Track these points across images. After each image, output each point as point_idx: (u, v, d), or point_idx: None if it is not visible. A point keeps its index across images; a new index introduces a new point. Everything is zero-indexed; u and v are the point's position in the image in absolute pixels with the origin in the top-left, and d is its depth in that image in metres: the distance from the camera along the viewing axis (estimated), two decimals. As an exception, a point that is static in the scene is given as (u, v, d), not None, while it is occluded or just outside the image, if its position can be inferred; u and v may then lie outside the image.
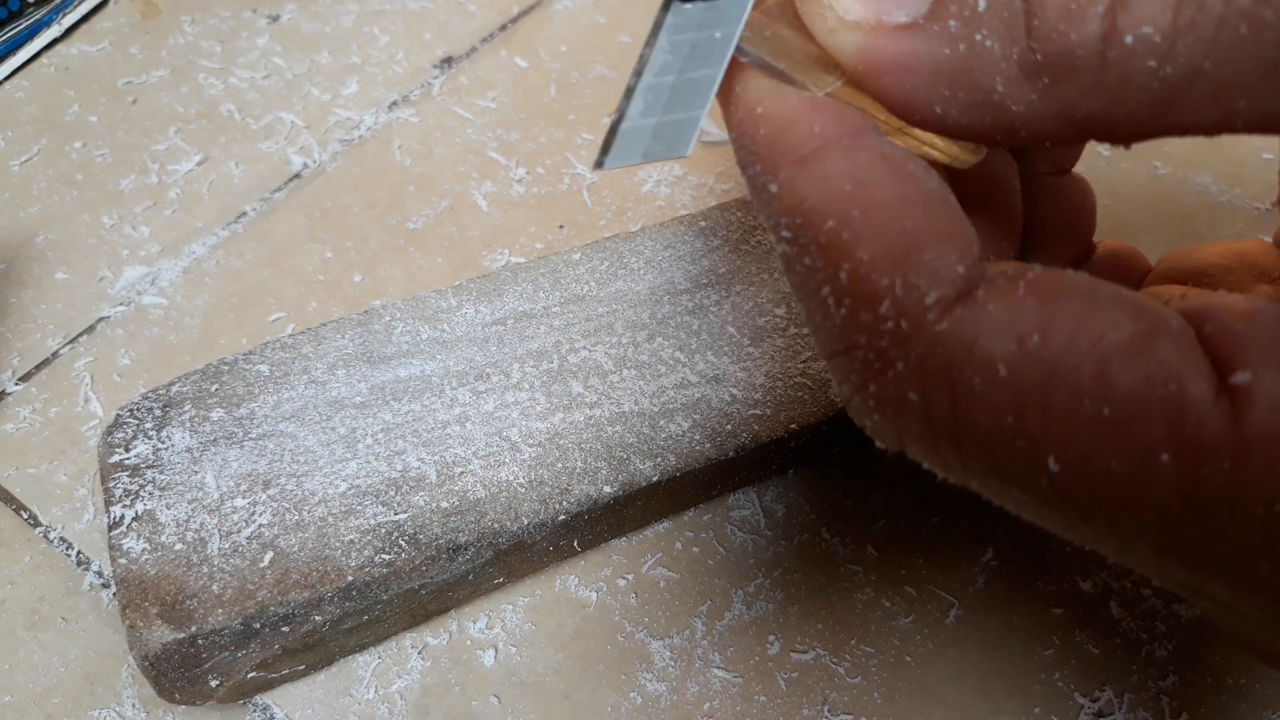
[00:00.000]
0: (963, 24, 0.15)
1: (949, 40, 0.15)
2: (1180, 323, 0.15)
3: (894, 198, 0.15)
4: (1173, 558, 0.15)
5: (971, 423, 0.15)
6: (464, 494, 0.29)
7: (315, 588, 0.28)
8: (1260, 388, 0.14)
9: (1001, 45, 0.14)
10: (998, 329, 0.14)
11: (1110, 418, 0.14)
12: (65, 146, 0.42)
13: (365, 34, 0.46)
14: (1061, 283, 0.15)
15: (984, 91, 0.15)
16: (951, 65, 0.15)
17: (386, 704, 0.30)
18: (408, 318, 0.33)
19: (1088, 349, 0.14)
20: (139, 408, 0.31)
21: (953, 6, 0.15)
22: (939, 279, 0.15)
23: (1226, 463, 0.14)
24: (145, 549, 0.28)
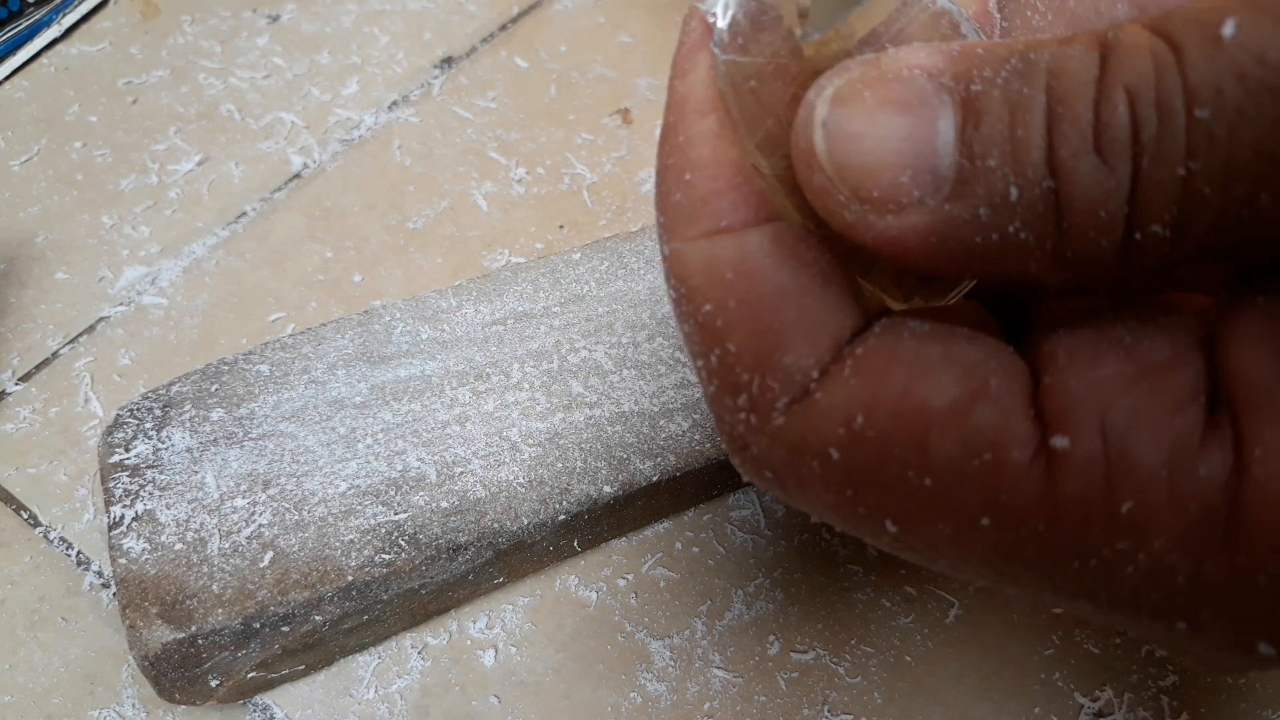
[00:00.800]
0: (993, 212, 0.14)
1: (978, 228, 0.14)
2: (1006, 380, 0.15)
3: (772, 291, 0.16)
4: (1012, 591, 0.16)
5: (816, 495, 0.16)
6: (464, 494, 0.29)
7: (315, 588, 0.28)
8: (1076, 453, 0.14)
9: (1036, 239, 0.14)
10: (828, 417, 0.15)
11: (932, 487, 0.15)
12: (65, 146, 0.42)
13: (365, 34, 0.46)
14: (893, 352, 0.15)
15: (1013, 273, 0.15)
16: (982, 251, 0.14)
17: (386, 704, 0.30)
18: (408, 318, 0.33)
19: (910, 421, 0.15)
20: (139, 408, 0.31)
21: (980, 191, 0.14)
22: (791, 383, 0.16)
23: (1041, 524, 0.14)
24: (145, 549, 0.28)
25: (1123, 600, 0.15)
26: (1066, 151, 0.14)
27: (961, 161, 0.14)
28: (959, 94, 0.14)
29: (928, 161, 0.14)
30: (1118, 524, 0.14)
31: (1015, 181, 0.14)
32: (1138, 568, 0.14)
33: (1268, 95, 0.12)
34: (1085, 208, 0.14)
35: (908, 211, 0.14)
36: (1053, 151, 0.14)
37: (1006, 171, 0.14)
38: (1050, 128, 0.14)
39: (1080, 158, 0.13)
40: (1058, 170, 0.14)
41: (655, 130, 0.42)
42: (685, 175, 0.16)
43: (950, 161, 0.14)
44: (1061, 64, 0.14)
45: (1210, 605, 0.14)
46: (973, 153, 0.14)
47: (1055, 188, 0.14)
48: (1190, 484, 0.14)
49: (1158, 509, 0.14)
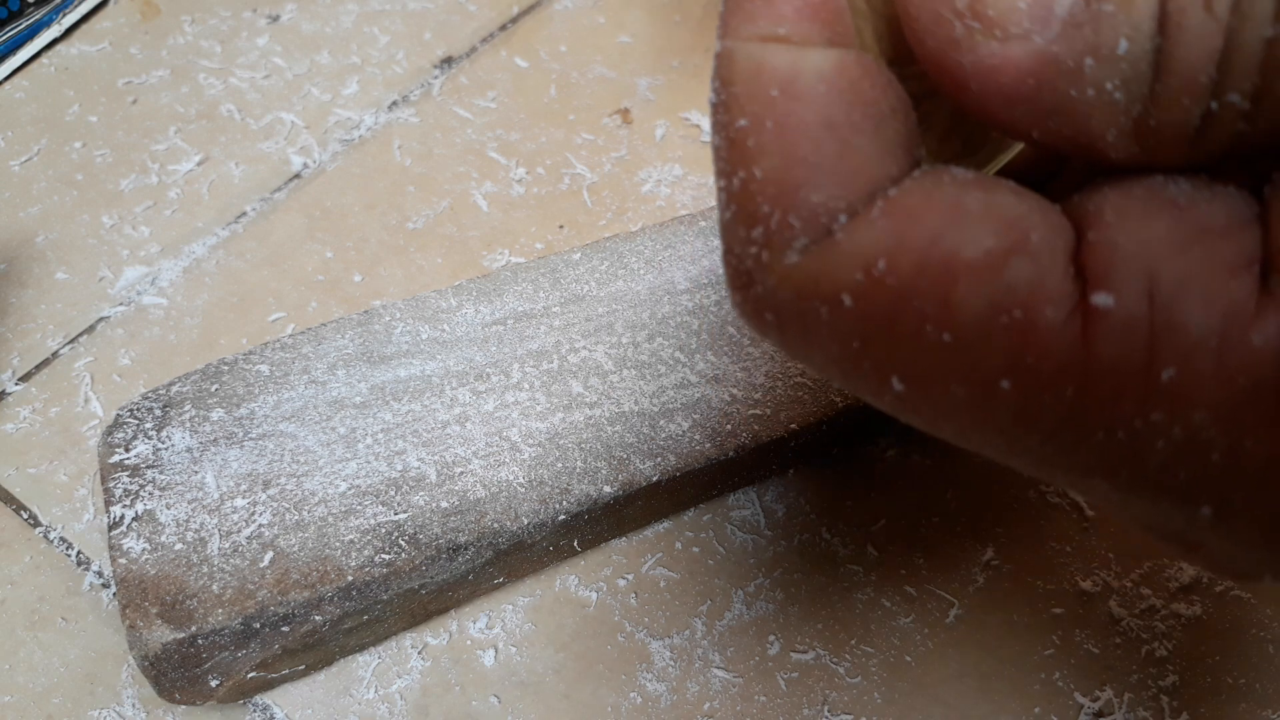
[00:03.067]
0: (1098, 64, 0.13)
1: (1077, 78, 0.13)
2: (1049, 233, 0.14)
3: (817, 121, 0.14)
4: (1021, 464, 0.15)
5: (820, 344, 0.15)
6: (464, 494, 0.29)
7: (315, 587, 0.28)
8: (1119, 312, 0.13)
9: (1127, 101, 0.13)
10: (848, 260, 0.14)
11: (951, 344, 0.14)
12: (65, 147, 0.42)
13: (365, 34, 0.46)
14: (929, 197, 0.14)
15: (1091, 136, 0.14)
16: (1072, 106, 0.14)
17: (386, 704, 0.30)
18: (408, 318, 0.33)
19: (936, 270, 0.14)
20: (139, 408, 0.31)
21: (1091, 37, 0.13)
22: (815, 223, 0.14)
23: (1069, 389, 0.13)
24: (145, 549, 0.28)
25: (1145, 479, 0.14)
26: (1176, 4, 0.13)
27: (1079, 1, 0.13)
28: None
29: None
30: (1155, 392, 0.13)
31: (1127, 32, 0.13)
32: (1169, 442, 0.13)
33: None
34: (1186, 69, 0.13)
35: (1015, 42, 0.13)
36: (1164, 4, 0.13)
37: (1120, 20, 0.13)
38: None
39: (1190, 11, 0.13)
40: (1167, 24, 0.13)
41: (655, 130, 0.42)
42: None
43: (1069, 1, 0.13)
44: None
45: (1245, 488, 0.13)
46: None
47: (1162, 44, 0.13)
48: (1241, 354, 0.13)
49: (1203, 378, 0.13)
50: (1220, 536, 0.14)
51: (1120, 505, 0.15)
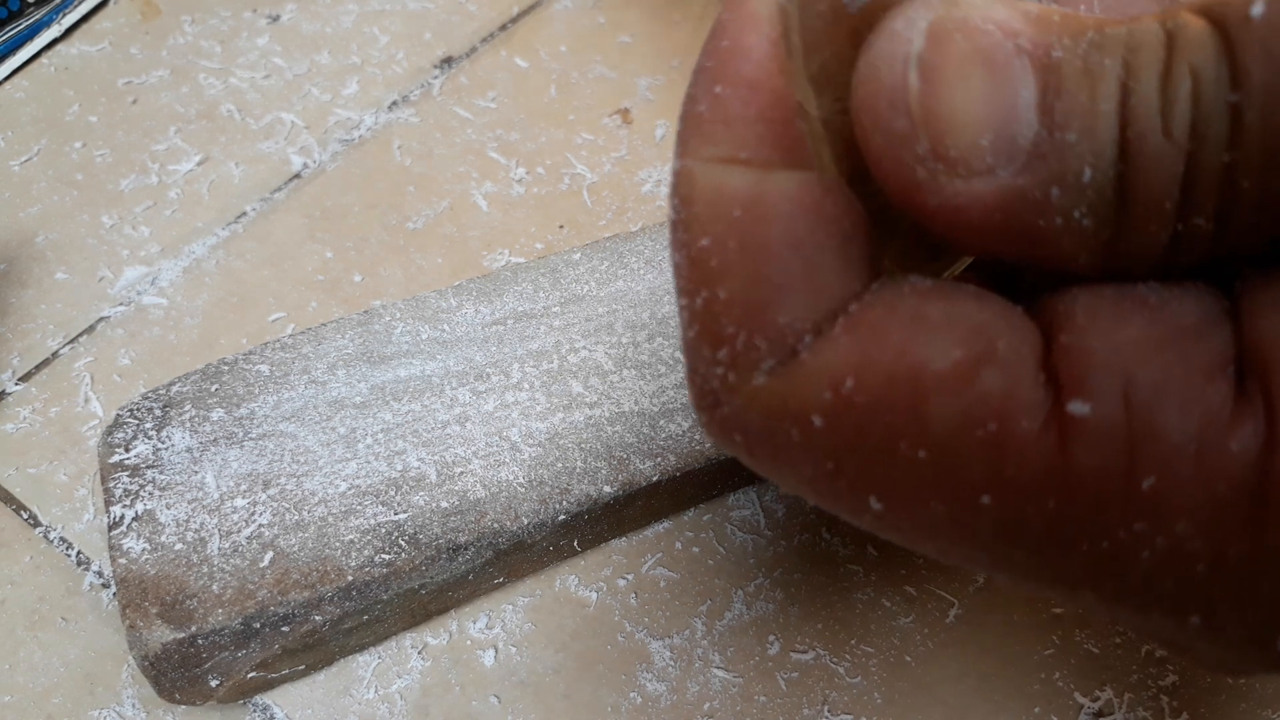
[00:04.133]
0: (1064, 193, 0.13)
1: (1044, 208, 0.13)
2: (1016, 340, 0.13)
3: (782, 242, 0.14)
4: (1006, 577, 0.15)
5: (791, 465, 0.15)
6: (464, 494, 0.29)
7: (315, 587, 0.28)
8: (1096, 420, 0.13)
9: (1095, 226, 0.13)
10: (814, 380, 0.14)
11: (927, 460, 0.13)
12: (65, 147, 0.42)
13: (365, 34, 0.46)
14: (891, 310, 0.14)
15: (1061, 259, 0.14)
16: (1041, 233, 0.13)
17: (386, 704, 0.30)
18: (408, 318, 0.33)
19: (905, 386, 0.13)
20: (139, 408, 0.31)
21: (1056, 168, 0.13)
22: (782, 344, 0.14)
23: (1050, 501, 0.13)
24: (145, 549, 0.28)
25: (1132, 590, 0.13)
26: (1135, 131, 0.13)
27: (1041, 132, 0.13)
28: (1038, 59, 0.13)
29: (1008, 127, 0.13)
30: (1137, 502, 0.13)
31: (1091, 161, 0.13)
32: (1154, 552, 0.13)
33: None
34: (1148, 196, 0.13)
35: (979, 179, 0.13)
36: (1124, 129, 0.13)
37: (1083, 149, 0.13)
38: (1123, 103, 0.13)
39: (1150, 138, 0.12)
40: (1128, 151, 0.13)
41: (655, 130, 0.42)
42: (717, 87, 0.14)
43: (1030, 131, 0.13)
44: (1137, 39, 0.13)
45: (1229, 595, 0.13)
46: (1053, 124, 0.13)
47: (1124, 170, 0.13)
48: (1220, 459, 0.13)
49: (1183, 486, 0.13)
50: (1209, 642, 0.14)
51: (1108, 614, 0.15)
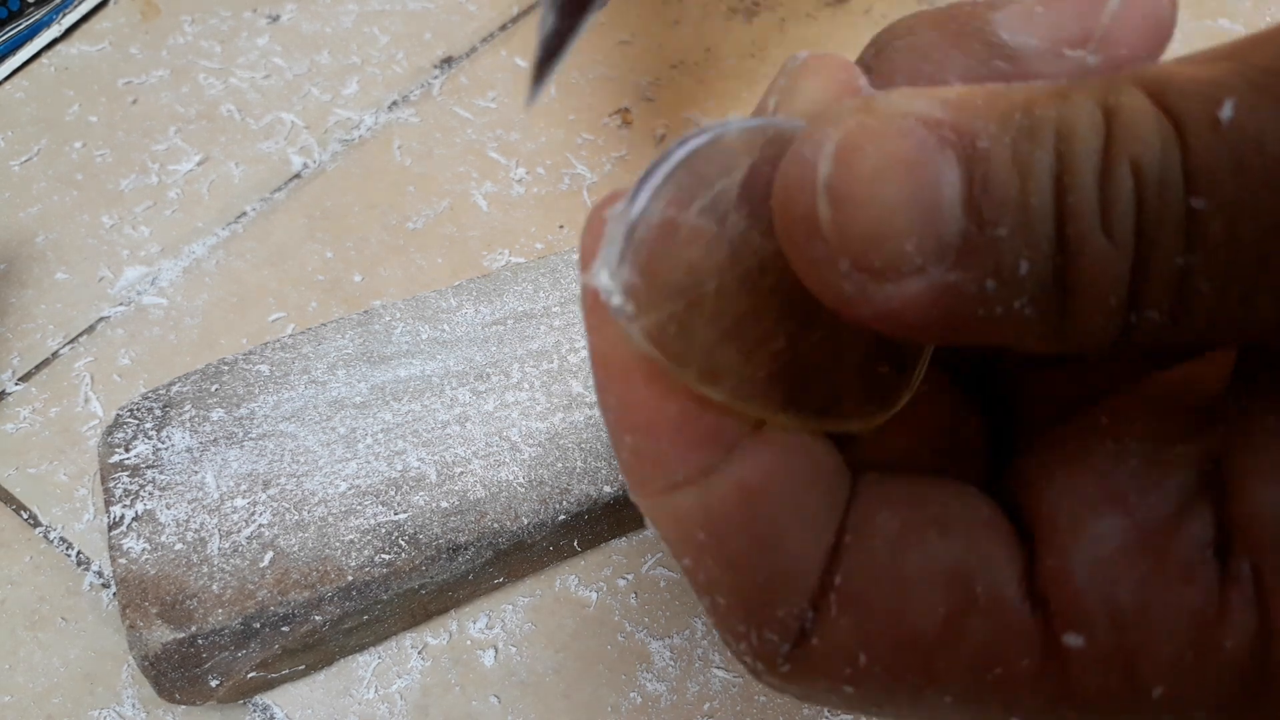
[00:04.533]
0: (1001, 285, 0.13)
1: (982, 300, 0.13)
2: (995, 575, 0.14)
3: (750, 544, 0.15)
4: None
5: (842, 706, 0.16)
6: (464, 494, 0.29)
7: (315, 587, 0.28)
8: (1092, 651, 0.13)
9: (1039, 316, 0.13)
10: (832, 662, 0.15)
11: (952, 702, 0.15)
12: (65, 147, 0.42)
13: (365, 34, 0.46)
14: (871, 572, 0.14)
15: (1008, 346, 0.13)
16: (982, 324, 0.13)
17: (386, 704, 0.30)
18: (408, 318, 0.33)
19: (909, 652, 0.14)
20: (139, 408, 0.31)
21: (989, 262, 0.13)
22: (788, 631, 0.15)
23: (1071, 715, 0.14)
24: (145, 549, 0.28)
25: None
26: (1074, 228, 0.12)
27: (969, 227, 0.13)
28: (963, 151, 0.13)
29: (933, 226, 0.13)
30: (1151, 705, 0.14)
31: (1026, 255, 0.13)
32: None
33: (1265, 190, 0.11)
34: (1091, 290, 0.13)
35: (909, 279, 0.13)
36: (1060, 225, 0.13)
37: (1018, 244, 0.13)
38: (1059, 197, 0.12)
39: (1089, 236, 0.12)
40: (1066, 246, 0.12)
41: (655, 130, 0.42)
42: (626, 437, 0.15)
43: (957, 227, 0.13)
44: (1070, 124, 0.13)
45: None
46: (981, 219, 0.13)
47: (1063, 265, 0.13)
48: (1217, 658, 0.13)
49: (1190, 688, 0.13)
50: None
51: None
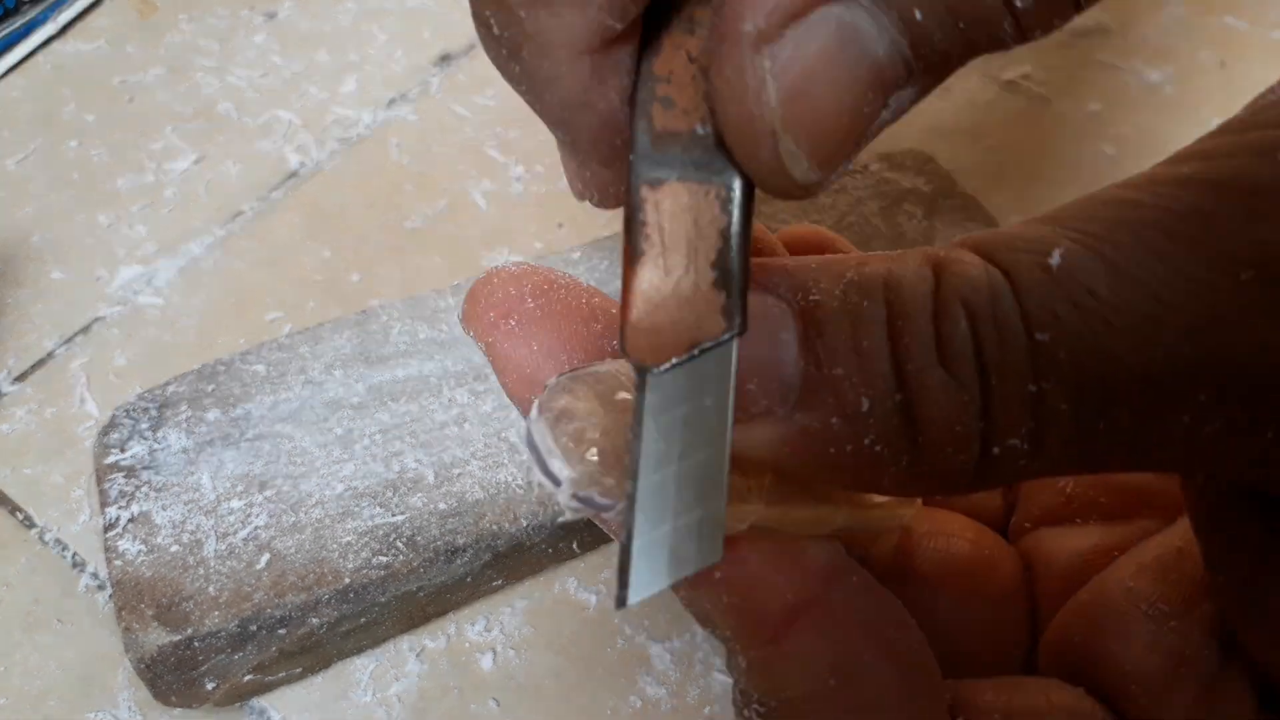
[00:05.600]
0: (846, 423, 0.14)
1: (831, 438, 0.14)
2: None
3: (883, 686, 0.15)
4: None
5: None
6: (462, 495, 0.29)
7: (312, 590, 0.27)
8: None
9: (891, 453, 0.14)
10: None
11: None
12: (61, 145, 0.42)
13: (363, 32, 0.46)
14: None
15: (867, 484, 0.15)
16: (837, 461, 0.14)
17: (384, 707, 0.29)
18: (405, 318, 0.33)
19: None
20: (134, 408, 0.31)
21: (831, 401, 0.14)
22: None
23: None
24: (141, 551, 0.28)
25: None
26: (913, 365, 0.13)
27: (808, 369, 0.14)
28: (797, 304, 0.14)
29: (773, 370, 0.14)
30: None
31: (865, 393, 0.14)
32: None
33: (1103, 325, 0.13)
34: (939, 422, 0.13)
35: (758, 422, 0.14)
36: (899, 364, 0.14)
37: (856, 382, 0.14)
38: (893, 339, 0.14)
39: (927, 371, 0.13)
40: (907, 383, 0.13)
41: (655, 128, 0.42)
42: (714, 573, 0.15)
43: (795, 369, 0.14)
44: (897, 277, 0.14)
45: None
46: (818, 360, 0.14)
47: (908, 401, 0.14)
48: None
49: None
50: None
51: None
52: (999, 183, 0.40)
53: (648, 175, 0.14)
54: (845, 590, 0.16)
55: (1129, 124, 0.42)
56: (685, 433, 0.13)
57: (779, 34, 0.12)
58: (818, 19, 0.12)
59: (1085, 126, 0.42)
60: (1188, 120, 0.41)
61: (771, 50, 0.12)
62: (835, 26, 0.12)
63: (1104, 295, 0.13)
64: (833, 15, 0.12)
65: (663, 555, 0.13)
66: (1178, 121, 0.41)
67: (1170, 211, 0.13)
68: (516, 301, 0.16)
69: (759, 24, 0.12)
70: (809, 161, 0.13)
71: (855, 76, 0.12)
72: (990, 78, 0.43)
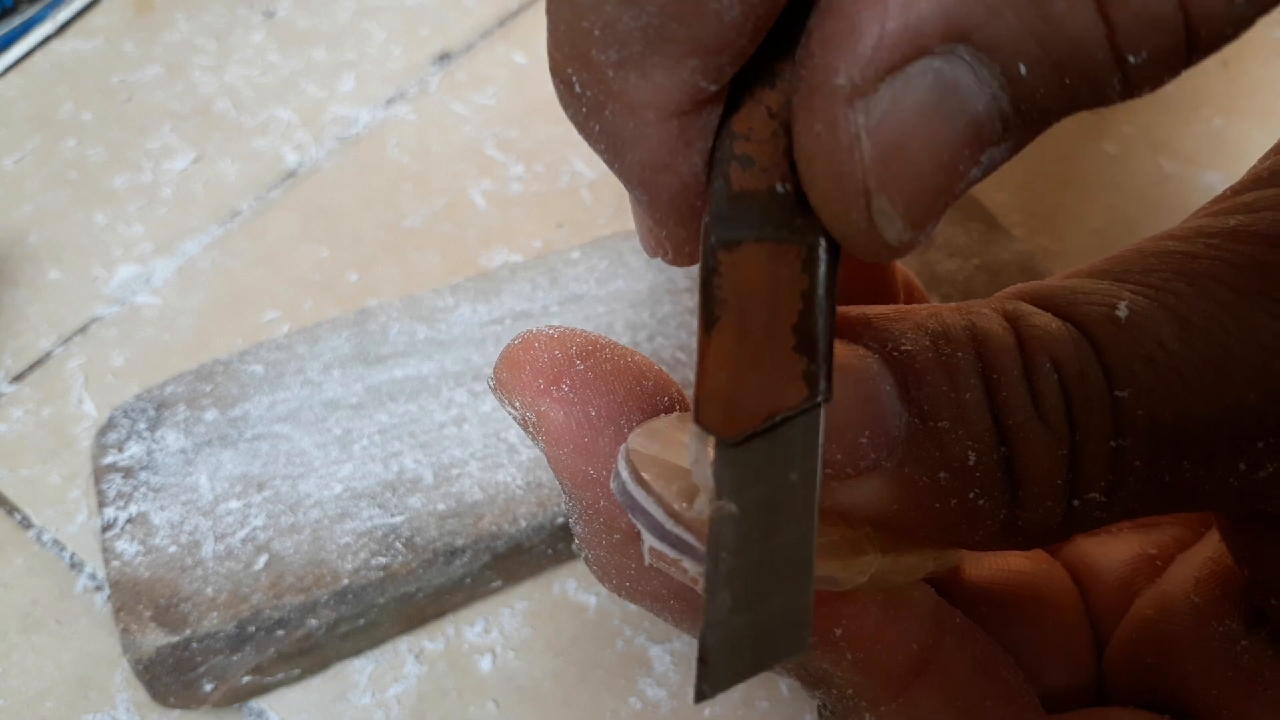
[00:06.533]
0: (953, 477, 0.14)
1: (937, 493, 0.14)
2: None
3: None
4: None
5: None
6: (461, 496, 0.29)
7: (310, 591, 0.27)
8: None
9: (992, 506, 0.14)
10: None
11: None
12: (58, 144, 0.42)
13: (362, 30, 0.46)
14: None
15: (960, 539, 0.15)
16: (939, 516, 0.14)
17: (383, 709, 0.29)
18: (404, 317, 0.33)
19: None
20: (132, 408, 0.31)
21: (937, 454, 0.14)
22: None
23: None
24: (139, 552, 0.28)
25: None
26: (1013, 419, 0.13)
27: (913, 421, 0.14)
28: (890, 355, 0.14)
29: (880, 423, 0.14)
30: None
31: (972, 445, 0.14)
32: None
33: (1175, 377, 0.13)
34: (1038, 476, 0.14)
35: (865, 479, 0.14)
36: (1000, 416, 0.14)
37: (961, 434, 0.14)
38: (990, 393, 0.14)
39: (1028, 425, 0.13)
40: (1009, 435, 0.14)
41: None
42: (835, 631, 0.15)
43: (900, 422, 0.14)
44: (983, 330, 0.14)
45: None
46: (923, 412, 0.14)
47: (1009, 455, 0.14)
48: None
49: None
50: None
51: None
52: (999, 182, 0.40)
53: (724, 236, 0.13)
54: (956, 634, 0.16)
55: (1130, 123, 0.41)
56: (768, 511, 0.12)
57: (874, 88, 0.11)
58: (916, 72, 0.11)
59: (1086, 125, 0.42)
60: (1189, 120, 0.41)
61: (866, 105, 0.11)
62: (934, 80, 0.11)
63: (1174, 348, 0.13)
64: (932, 68, 0.11)
65: (745, 645, 0.12)
66: (1179, 121, 0.41)
67: (1228, 264, 0.13)
68: (565, 365, 0.15)
69: (853, 77, 0.11)
70: (903, 222, 0.12)
71: (954, 133, 0.12)
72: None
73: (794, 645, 0.12)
